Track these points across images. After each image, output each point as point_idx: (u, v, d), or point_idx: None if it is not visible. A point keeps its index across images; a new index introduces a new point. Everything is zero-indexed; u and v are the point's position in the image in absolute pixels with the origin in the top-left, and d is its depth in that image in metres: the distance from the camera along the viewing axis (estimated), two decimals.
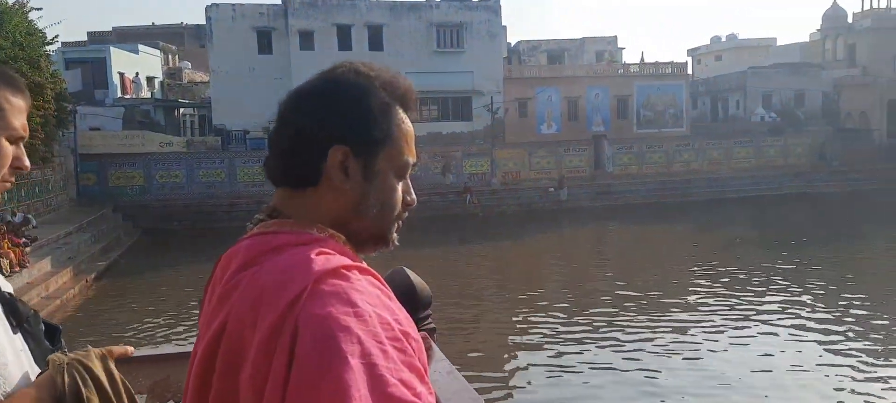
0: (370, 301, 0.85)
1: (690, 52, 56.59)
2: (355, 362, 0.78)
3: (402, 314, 0.89)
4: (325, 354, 0.79)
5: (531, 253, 18.91)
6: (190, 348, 1.00)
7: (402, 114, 0.99)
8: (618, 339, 9.63)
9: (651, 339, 9.54)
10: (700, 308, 11.37)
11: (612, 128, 32.14)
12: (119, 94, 31.98)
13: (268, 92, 30.35)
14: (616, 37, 50.50)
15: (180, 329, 11.11)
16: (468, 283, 13.92)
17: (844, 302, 11.23)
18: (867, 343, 9.09)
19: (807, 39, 47.39)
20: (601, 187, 28.67)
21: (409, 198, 1.02)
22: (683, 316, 10.95)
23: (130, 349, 1.24)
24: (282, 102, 0.99)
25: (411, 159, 1.00)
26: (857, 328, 9.78)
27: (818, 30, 42.82)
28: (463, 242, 20.08)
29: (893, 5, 37.82)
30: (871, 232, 19.88)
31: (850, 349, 8.85)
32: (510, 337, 10.24)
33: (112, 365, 1.15)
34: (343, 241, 0.96)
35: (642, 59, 40.44)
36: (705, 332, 9.87)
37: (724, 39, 55.99)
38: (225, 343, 0.88)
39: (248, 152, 26.96)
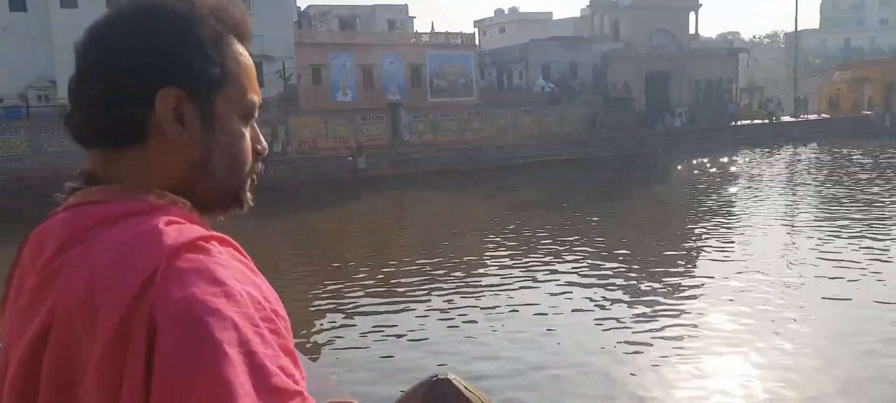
0: (237, 277, 0.71)
1: (476, 23, 59.22)
2: (233, 351, 0.65)
3: (270, 291, 0.76)
4: (197, 345, 0.64)
5: (333, 224, 18.75)
6: None
7: (238, 47, 0.83)
8: (423, 306, 9.87)
9: (453, 304, 9.89)
10: (495, 270, 12.00)
11: (407, 96, 32.73)
12: None
13: (24, 54, 26.71)
14: (407, 5, 51.40)
15: None
16: (271, 258, 13.45)
17: (620, 256, 12.49)
18: (639, 293, 10.18)
19: (578, 15, 51.70)
20: (399, 155, 29.13)
21: (259, 147, 0.87)
22: (481, 278, 11.49)
23: None
24: (82, 43, 0.79)
25: (256, 99, 0.85)
26: (632, 278, 10.93)
27: (588, 6, 46.83)
28: (261, 215, 19.35)
29: None
30: (635, 191, 22.35)
31: (629, 299, 9.86)
32: (320, 311, 10.07)
33: None
34: (188, 208, 0.79)
35: (432, 28, 41.55)
36: (502, 292, 10.44)
37: (506, 12, 59.18)
38: (52, 349, 0.69)
39: (2, 123, 23.56)
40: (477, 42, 40.58)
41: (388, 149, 29.47)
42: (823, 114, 44.19)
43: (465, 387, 1.38)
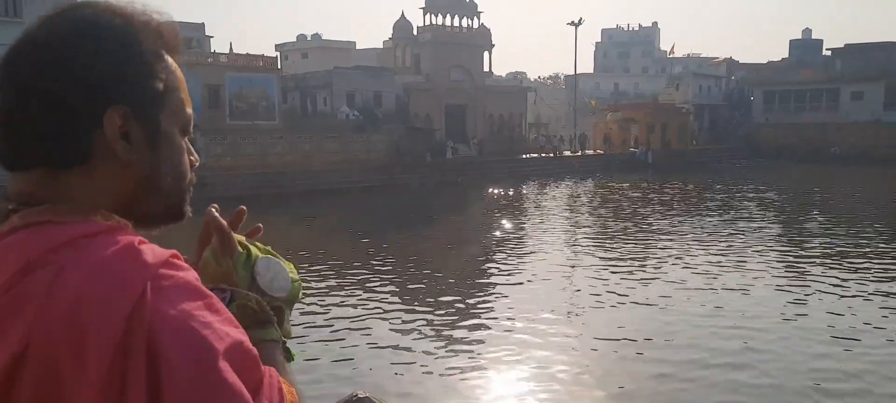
0: (206, 287, 0.74)
1: (278, 47, 58.13)
2: (228, 357, 0.68)
3: None
4: (204, 359, 0.66)
5: None
6: None
7: (172, 61, 0.82)
8: None
9: None
10: (307, 298, 11.86)
11: (204, 118, 31.22)
12: None
13: None
14: (203, 23, 49.11)
15: None
16: None
17: (425, 281, 12.93)
18: (443, 312, 10.63)
19: (381, 46, 52.81)
20: (196, 179, 27.54)
21: (193, 158, 0.88)
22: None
23: None
24: (10, 59, 0.74)
25: (191, 112, 0.86)
26: (435, 302, 11.36)
27: (390, 38, 48.06)
28: None
29: (447, 23, 44.42)
30: (437, 218, 23.24)
31: (432, 322, 10.24)
32: None
33: None
34: (130, 229, 0.78)
35: (231, 49, 40.00)
36: (316, 320, 10.35)
37: (309, 38, 58.81)
38: (30, 377, 0.64)
39: None
40: (279, 66, 39.85)
41: None
42: (599, 150, 49.11)
43: None
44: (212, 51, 40.23)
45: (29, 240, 0.70)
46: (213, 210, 0.98)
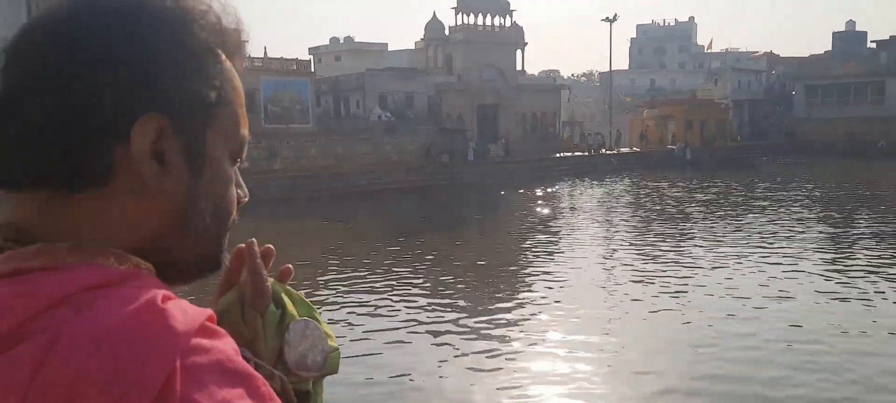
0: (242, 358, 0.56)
1: (312, 50, 58.50)
2: None
3: None
4: None
5: None
6: None
7: (230, 66, 0.63)
8: None
9: None
10: (336, 301, 11.71)
11: None
12: None
13: None
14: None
15: None
16: None
17: (460, 281, 12.69)
18: (479, 318, 10.37)
19: (413, 47, 52.76)
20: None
21: (241, 193, 0.67)
22: (320, 305, 11.14)
23: None
24: (19, 40, 0.57)
25: (246, 133, 0.65)
26: (471, 303, 11.11)
27: (422, 39, 47.94)
28: None
29: (479, 23, 44.14)
30: (471, 219, 23.01)
31: (469, 324, 10.00)
32: None
33: None
34: (155, 275, 0.59)
35: (265, 53, 40.26)
36: (346, 323, 10.20)
37: (342, 41, 59.10)
38: None
39: None
40: (312, 69, 40.01)
41: None
42: (635, 148, 48.31)
43: None
44: (247, 55, 40.56)
45: (13, 296, 0.50)
46: (253, 245, 0.76)
